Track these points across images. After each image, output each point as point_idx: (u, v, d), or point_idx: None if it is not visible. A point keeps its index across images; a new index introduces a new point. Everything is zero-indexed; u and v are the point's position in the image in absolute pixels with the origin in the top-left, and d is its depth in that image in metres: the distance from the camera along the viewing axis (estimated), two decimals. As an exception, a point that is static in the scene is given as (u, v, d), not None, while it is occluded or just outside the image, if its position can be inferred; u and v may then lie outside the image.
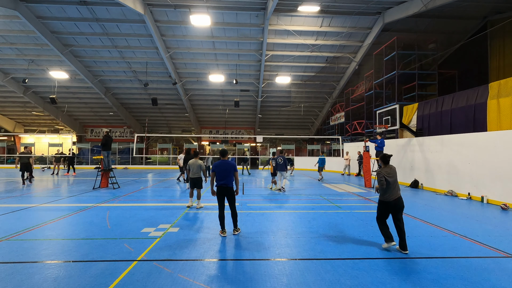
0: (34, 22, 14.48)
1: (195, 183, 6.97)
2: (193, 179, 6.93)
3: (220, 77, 19.61)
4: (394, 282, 3.18)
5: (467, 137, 8.70)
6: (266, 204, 7.68)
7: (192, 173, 6.92)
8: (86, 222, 5.53)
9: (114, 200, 7.99)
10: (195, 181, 6.95)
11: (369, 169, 11.24)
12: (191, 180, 6.96)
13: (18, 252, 3.94)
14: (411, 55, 14.57)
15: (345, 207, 7.19)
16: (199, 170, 6.93)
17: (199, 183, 7.01)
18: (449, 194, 9.03)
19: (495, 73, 13.14)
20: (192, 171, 6.92)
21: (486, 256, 3.95)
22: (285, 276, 3.29)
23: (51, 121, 28.30)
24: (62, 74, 19.08)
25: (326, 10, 14.35)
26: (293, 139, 30.61)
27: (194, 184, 6.98)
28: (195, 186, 7.00)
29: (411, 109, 12.80)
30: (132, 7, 12.70)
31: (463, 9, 13.27)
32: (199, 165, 6.93)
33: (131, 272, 3.34)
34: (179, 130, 30.27)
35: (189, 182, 7.04)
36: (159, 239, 4.56)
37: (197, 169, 6.92)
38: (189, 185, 7.09)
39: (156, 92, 22.43)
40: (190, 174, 6.94)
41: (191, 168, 6.94)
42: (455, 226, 5.40)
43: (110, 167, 10.56)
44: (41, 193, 9.27)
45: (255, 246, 4.30)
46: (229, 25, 15.40)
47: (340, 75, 20.73)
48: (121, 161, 24.78)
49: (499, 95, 8.47)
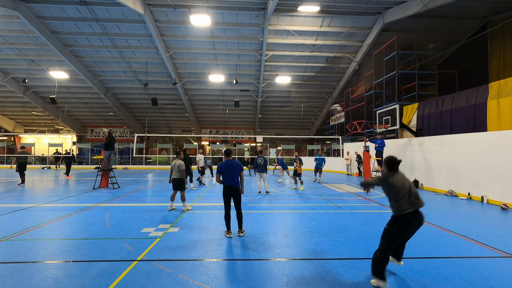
0: (34, 22, 14.48)
1: (175, 185, 6.65)
2: (173, 180, 6.64)
3: (220, 77, 19.61)
4: (394, 282, 3.18)
5: (467, 137, 8.70)
6: (266, 204, 7.68)
7: (173, 174, 6.66)
8: (86, 222, 5.53)
9: (114, 200, 7.99)
10: (176, 182, 6.64)
11: (369, 169, 11.24)
12: (172, 181, 6.69)
13: (18, 252, 3.94)
14: (411, 55, 14.57)
15: (345, 207, 7.19)
16: (179, 170, 6.62)
17: (180, 185, 6.64)
18: (449, 194, 9.03)
19: (495, 73, 13.15)
20: (174, 171, 6.66)
21: (486, 256, 3.95)
22: (285, 276, 3.29)
23: (51, 121, 28.30)
24: (62, 74, 19.10)
25: (326, 10, 14.35)
26: (293, 139, 30.61)
27: (175, 186, 6.66)
28: (176, 187, 6.67)
29: (411, 109, 12.80)
30: (132, 7, 12.70)
31: (463, 9, 13.27)
32: (178, 165, 6.60)
33: (131, 272, 3.34)
34: (179, 130, 30.27)
35: (172, 184, 6.74)
36: (159, 239, 4.56)
37: (177, 170, 6.62)
38: (173, 187, 6.75)
39: (156, 92, 22.43)
40: (172, 175, 6.70)
41: (172, 168, 6.68)
42: (455, 226, 5.40)
43: (111, 167, 10.56)
44: (41, 193, 9.27)
45: (255, 246, 4.30)
46: (229, 25, 15.40)
47: (340, 75, 20.73)
48: (121, 161, 24.78)
49: (499, 95, 8.47)
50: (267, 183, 9.68)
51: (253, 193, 9.38)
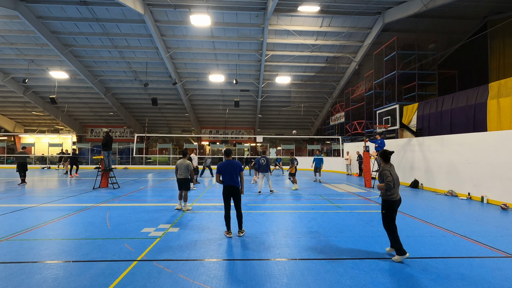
0: (34, 22, 14.49)
1: (182, 184, 6.70)
2: (179, 179, 6.70)
3: (220, 77, 19.62)
4: (394, 282, 3.18)
5: (467, 137, 8.70)
6: (266, 204, 7.67)
7: (179, 174, 6.71)
8: (86, 222, 5.53)
9: (114, 200, 7.99)
10: (182, 182, 6.69)
11: (369, 169, 11.25)
12: (178, 181, 6.74)
13: (18, 252, 3.94)
14: (411, 55, 14.56)
15: (345, 207, 7.19)
16: (187, 170, 6.73)
17: (186, 184, 6.74)
18: (449, 194, 9.03)
19: (495, 73, 13.15)
20: (179, 171, 6.73)
21: (486, 256, 3.95)
22: (285, 276, 3.29)
23: (51, 121, 28.31)
24: (62, 74, 19.11)
25: (326, 10, 14.36)
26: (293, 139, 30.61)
27: (181, 185, 6.71)
28: (181, 187, 6.72)
29: (411, 109, 12.80)
30: (132, 7, 12.70)
31: (463, 9, 13.27)
32: (187, 165, 6.71)
33: (131, 272, 3.34)
34: (179, 130, 30.28)
35: (177, 183, 6.79)
36: (159, 239, 4.56)
37: (184, 170, 6.71)
38: (178, 187, 6.79)
39: (156, 92, 22.44)
40: (177, 174, 6.74)
41: (178, 168, 6.74)
42: (455, 226, 5.40)
43: (110, 167, 10.55)
44: (41, 193, 9.27)
45: (255, 246, 4.30)
46: (229, 25, 15.40)
47: (340, 75, 20.74)
48: (121, 161, 24.78)
49: (499, 95, 8.47)
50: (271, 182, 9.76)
51: (253, 193, 9.39)
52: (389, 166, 3.92)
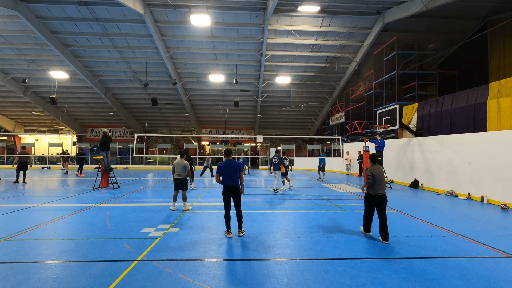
0: (34, 22, 14.48)
1: (179, 184, 6.68)
2: (177, 179, 6.67)
3: (220, 77, 19.61)
4: (394, 282, 3.18)
5: (467, 137, 8.70)
6: (266, 204, 7.68)
7: (176, 174, 6.68)
8: (86, 222, 5.53)
9: (114, 200, 7.99)
10: (180, 182, 6.67)
11: (369, 169, 11.23)
12: (175, 180, 6.70)
13: (18, 252, 3.94)
14: (411, 55, 14.56)
15: (345, 207, 7.19)
16: (184, 170, 6.71)
17: (184, 184, 6.73)
18: (449, 194, 9.03)
19: (495, 73, 13.14)
20: (176, 171, 6.69)
21: (486, 256, 3.95)
22: (285, 276, 3.29)
23: (51, 121, 28.30)
24: (62, 74, 19.08)
25: (326, 10, 14.35)
26: (293, 139, 30.61)
27: (178, 185, 6.69)
28: (179, 187, 6.70)
29: (411, 109, 12.80)
30: (132, 7, 12.69)
31: (463, 9, 13.26)
32: (184, 165, 6.68)
33: (131, 272, 3.34)
34: (179, 130, 30.28)
35: (174, 183, 6.76)
36: (159, 239, 4.56)
37: (181, 170, 6.69)
38: (174, 187, 6.78)
39: (156, 92, 22.44)
40: (174, 174, 6.71)
41: (175, 168, 6.71)
42: (455, 226, 5.40)
43: (109, 167, 10.55)
44: (41, 193, 9.26)
45: (255, 246, 4.30)
46: (229, 25, 15.40)
47: (340, 75, 20.73)
48: (121, 161, 24.78)
49: (499, 95, 8.47)
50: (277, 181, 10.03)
51: (253, 192, 9.39)
52: (374, 167, 4.64)
